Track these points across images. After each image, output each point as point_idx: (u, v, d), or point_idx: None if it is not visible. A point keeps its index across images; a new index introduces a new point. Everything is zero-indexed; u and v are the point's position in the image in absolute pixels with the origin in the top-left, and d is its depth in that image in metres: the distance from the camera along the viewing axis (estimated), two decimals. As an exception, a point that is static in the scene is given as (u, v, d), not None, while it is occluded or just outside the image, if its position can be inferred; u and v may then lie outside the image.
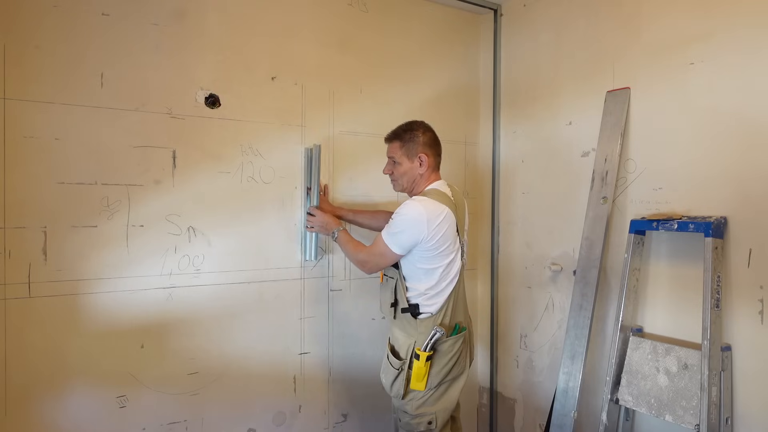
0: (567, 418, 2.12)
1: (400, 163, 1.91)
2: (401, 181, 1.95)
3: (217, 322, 2.07)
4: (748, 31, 1.73)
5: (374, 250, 1.87)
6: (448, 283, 1.85)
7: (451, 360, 1.85)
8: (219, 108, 2.06)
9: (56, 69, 1.76)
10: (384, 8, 2.48)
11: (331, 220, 2.08)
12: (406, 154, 1.90)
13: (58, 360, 1.78)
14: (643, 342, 1.95)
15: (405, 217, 1.79)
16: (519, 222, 2.66)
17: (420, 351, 1.80)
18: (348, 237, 2.01)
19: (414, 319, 1.85)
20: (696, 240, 1.83)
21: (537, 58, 2.55)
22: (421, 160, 1.89)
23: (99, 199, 1.83)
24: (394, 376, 1.86)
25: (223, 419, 2.10)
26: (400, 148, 1.91)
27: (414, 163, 1.90)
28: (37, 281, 1.74)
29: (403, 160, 1.91)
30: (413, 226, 1.76)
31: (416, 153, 1.90)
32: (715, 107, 1.82)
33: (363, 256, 1.91)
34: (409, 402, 1.85)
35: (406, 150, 1.90)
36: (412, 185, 1.94)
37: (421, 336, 1.83)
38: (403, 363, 1.85)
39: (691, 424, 1.74)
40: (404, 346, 1.86)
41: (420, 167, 1.90)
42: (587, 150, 2.28)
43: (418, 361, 1.80)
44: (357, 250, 1.94)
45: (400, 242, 1.80)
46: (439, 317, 1.84)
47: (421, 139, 1.90)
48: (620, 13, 2.14)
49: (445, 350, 1.84)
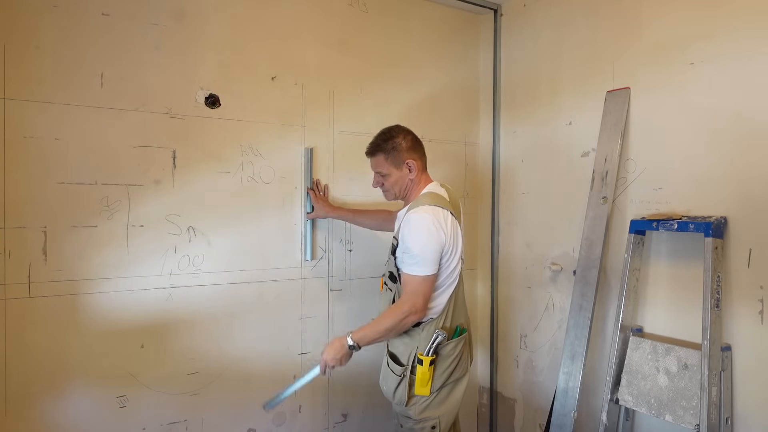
0: (567, 418, 2.12)
1: (389, 174, 1.85)
2: (393, 191, 1.89)
3: (217, 322, 2.07)
4: (748, 31, 1.73)
5: (413, 291, 1.70)
6: (448, 285, 1.83)
7: (453, 362, 1.83)
8: (219, 108, 2.06)
9: (56, 69, 1.76)
10: (384, 8, 2.48)
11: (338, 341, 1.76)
12: (392, 164, 1.84)
13: (58, 360, 1.78)
14: (643, 342, 1.95)
15: (418, 234, 1.70)
16: (519, 222, 2.66)
17: (423, 356, 1.76)
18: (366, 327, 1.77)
19: (415, 326, 1.80)
20: (696, 240, 1.83)
21: (537, 58, 2.55)
22: (409, 166, 1.84)
23: (99, 199, 1.83)
24: (396, 382, 1.81)
25: (223, 419, 2.10)
26: (386, 159, 1.84)
27: (403, 171, 1.85)
28: (37, 281, 1.74)
29: (392, 171, 1.85)
30: (431, 239, 1.70)
31: (403, 160, 1.84)
32: (715, 107, 1.82)
33: (407, 307, 1.69)
34: (412, 407, 1.80)
35: (392, 160, 1.84)
36: (405, 192, 1.90)
37: (423, 341, 1.79)
38: (404, 369, 1.80)
39: (691, 424, 1.74)
40: (405, 353, 1.81)
41: (410, 173, 1.85)
42: (587, 150, 2.28)
43: (422, 366, 1.76)
44: (393, 315, 1.72)
45: (430, 262, 1.70)
46: (440, 321, 1.81)
47: (404, 145, 1.84)
48: (620, 13, 2.14)
49: (447, 353, 1.81)
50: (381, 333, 1.74)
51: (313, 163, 2.27)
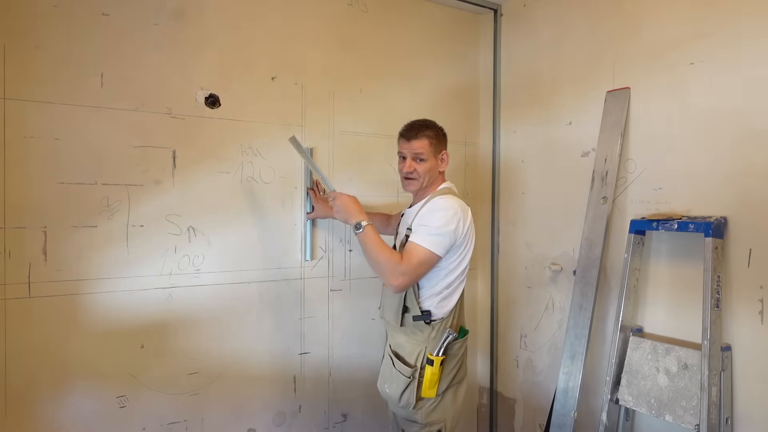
0: (567, 418, 2.12)
1: (426, 160, 1.80)
2: (421, 180, 1.82)
3: (217, 322, 2.07)
4: (748, 31, 1.73)
5: (414, 260, 1.64)
6: (459, 283, 1.82)
7: (458, 363, 1.83)
8: (219, 108, 2.06)
9: (56, 69, 1.76)
10: (384, 8, 2.48)
11: (356, 207, 1.77)
12: (433, 150, 1.82)
13: (58, 360, 1.78)
14: (643, 342, 1.95)
15: (444, 213, 1.68)
16: (519, 222, 2.66)
17: (433, 356, 1.73)
18: (376, 236, 1.71)
19: (426, 324, 1.77)
20: (696, 240, 1.83)
21: (537, 58, 2.55)
22: (443, 158, 1.86)
23: (99, 199, 1.83)
24: (405, 384, 1.76)
25: (223, 419, 2.10)
26: (430, 144, 1.81)
27: (437, 161, 1.84)
28: (37, 281, 1.74)
29: (430, 157, 1.81)
30: (453, 222, 1.68)
31: (441, 150, 1.86)
32: (715, 107, 1.82)
33: (403, 267, 1.63)
34: (419, 411, 1.77)
35: (434, 147, 1.82)
36: (428, 184, 1.86)
37: (432, 341, 1.76)
38: (414, 371, 1.75)
39: (691, 424, 1.74)
40: (413, 353, 1.78)
41: (441, 164, 1.86)
42: (587, 150, 2.28)
43: (432, 366, 1.73)
44: (390, 256, 1.66)
45: (443, 243, 1.67)
46: (449, 320, 1.80)
47: (444, 137, 1.88)
48: (620, 13, 2.14)
49: (454, 353, 1.80)
50: (372, 254, 1.68)
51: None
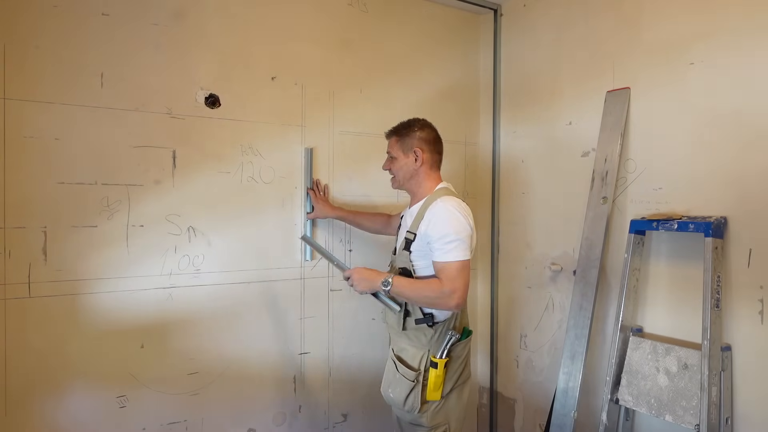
0: (567, 418, 2.12)
1: (396, 158, 1.88)
2: (398, 177, 1.90)
3: (217, 322, 2.07)
4: (748, 31, 1.73)
5: (451, 275, 1.66)
6: None
7: (462, 364, 1.83)
8: (219, 108, 2.06)
9: (56, 69, 1.76)
10: (384, 8, 2.48)
11: (373, 272, 1.80)
12: (401, 148, 1.87)
13: (58, 360, 1.78)
14: (643, 342, 1.95)
15: (449, 217, 1.71)
16: (519, 222, 2.66)
17: (436, 359, 1.74)
18: (405, 279, 1.76)
19: (429, 327, 1.78)
20: (696, 240, 1.83)
21: (537, 58, 2.55)
22: (416, 155, 1.85)
23: (99, 199, 1.83)
24: (409, 388, 1.76)
25: (223, 419, 2.10)
26: (396, 142, 1.89)
27: (409, 158, 1.86)
28: (37, 281, 1.74)
29: (399, 155, 1.87)
30: (467, 225, 1.71)
31: (411, 147, 1.86)
32: (715, 107, 1.82)
33: (447, 288, 1.65)
34: (424, 414, 1.77)
35: (401, 144, 1.87)
36: (408, 182, 1.89)
37: (435, 343, 1.77)
38: (418, 374, 1.76)
39: (691, 424, 1.74)
40: (417, 357, 1.79)
41: (415, 162, 1.86)
42: (587, 150, 2.28)
43: (436, 369, 1.74)
44: (431, 287, 1.69)
45: (467, 247, 1.70)
46: (452, 321, 1.80)
47: (417, 134, 1.87)
48: (620, 13, 2.14)
49: (457, 354, 1.80)
50: (415, 296, 1.73)
51: (313, 163, 2.27)
